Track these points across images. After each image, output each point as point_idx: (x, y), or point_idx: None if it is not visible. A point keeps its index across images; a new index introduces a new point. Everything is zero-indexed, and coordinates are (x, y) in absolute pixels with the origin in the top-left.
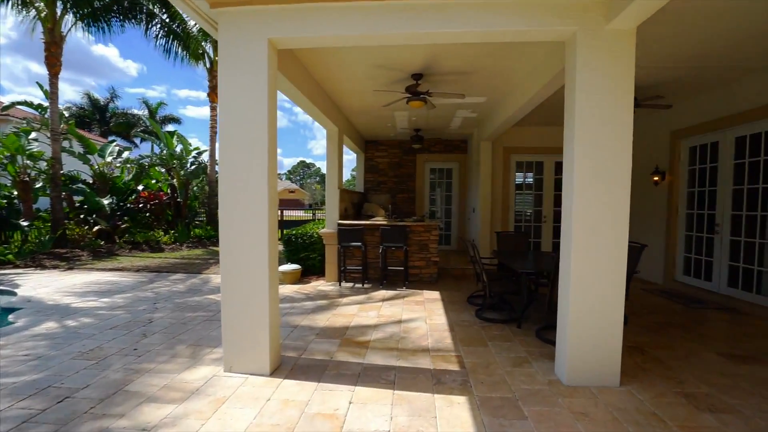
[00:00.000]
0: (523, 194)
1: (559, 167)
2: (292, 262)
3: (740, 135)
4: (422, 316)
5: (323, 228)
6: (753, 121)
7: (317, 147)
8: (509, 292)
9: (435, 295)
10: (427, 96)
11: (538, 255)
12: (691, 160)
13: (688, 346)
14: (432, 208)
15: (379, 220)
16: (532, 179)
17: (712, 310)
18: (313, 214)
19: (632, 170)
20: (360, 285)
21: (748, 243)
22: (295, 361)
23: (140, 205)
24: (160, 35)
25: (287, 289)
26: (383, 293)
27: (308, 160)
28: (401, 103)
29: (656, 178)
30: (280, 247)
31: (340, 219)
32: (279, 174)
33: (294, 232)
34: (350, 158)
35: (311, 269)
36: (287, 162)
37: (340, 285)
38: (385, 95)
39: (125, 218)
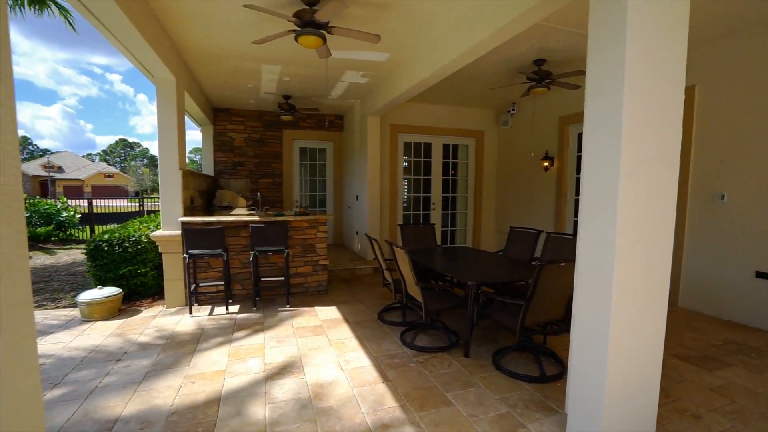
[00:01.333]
0: (410, 179)
1: (447, 149)
2: (107, 284)
3: None
4: (331, 354)
5: (158, 229)
6: None
7: (143, 125)
8: (445, 309)
9: (332, 312)
10: (326, 32)
11: (473, 256)
12: (579, 147)
13: None
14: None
15: (242, 213)
16: (421, 162)
17: None
18: (141, 204)
19: (522, 156)
20: (223, 309)
21: None
22: None
23: None
24: None
25: (97, 332)
26: (260, 319)
27: (132, 139)
28: (278, 49)
29: (546, 164)
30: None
31: (185, 215)
32: (90, 154)
33: (108, 236)
34: (193, 137)
35: (140, 291)
36: (101, 140)
37: (190, 312)
38: (257, 26)
39: None
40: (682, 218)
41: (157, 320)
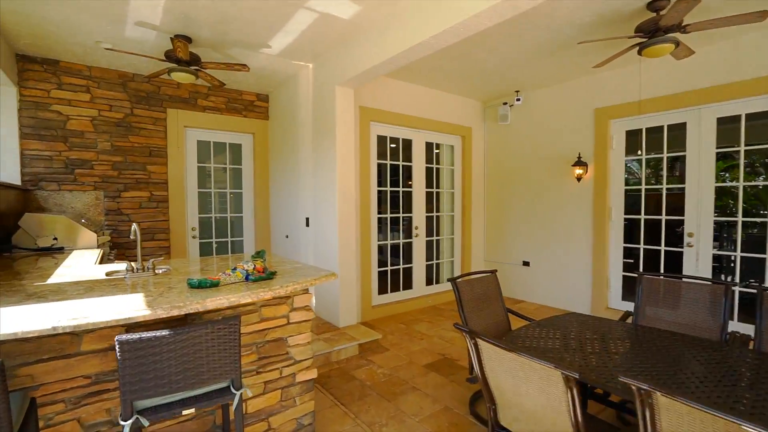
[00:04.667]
0: (386, 191)
1: (431, 150)
2: None
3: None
4: None
5: None
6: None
7: None
8: None
9: None
10: None
11: (625, 338)
12: (630, 147)
13: None
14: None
15: (94, 281)
16: (399, 166)
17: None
18: None
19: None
20: None
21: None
22: None
23: None
24: None
25: None
26: None
27: None
28: None
29: (578, 172)
30: None
31: None
32: None
33: None
34: None
35: None
36: None
37: None
38: None
39: None
40: None
41: None
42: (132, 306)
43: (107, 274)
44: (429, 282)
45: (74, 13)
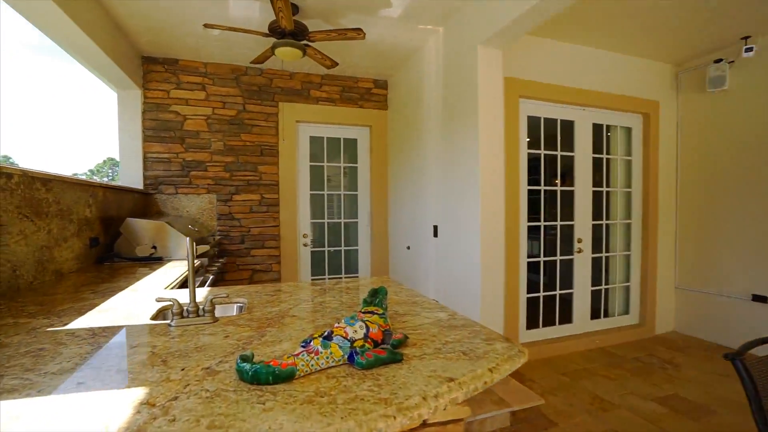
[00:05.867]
0: (539, 190)
1: (598, 133)
2: None
3: None
4: None
5: None
6: None
7: None
8: None
9: None
10: None
11: None
12: None
13: None
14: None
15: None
16: (557, 158)
17: None
18: None
19: None
20: None
21: None
22: None
23: None
24: None
25: None
26: None
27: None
28: None
29: None
30: None
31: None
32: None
33: None
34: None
35: None
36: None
37: None
38: None
39: None
40: None
41: None
42: None
43: (157, 314)
44: (595, 315)
45: (190, 15)
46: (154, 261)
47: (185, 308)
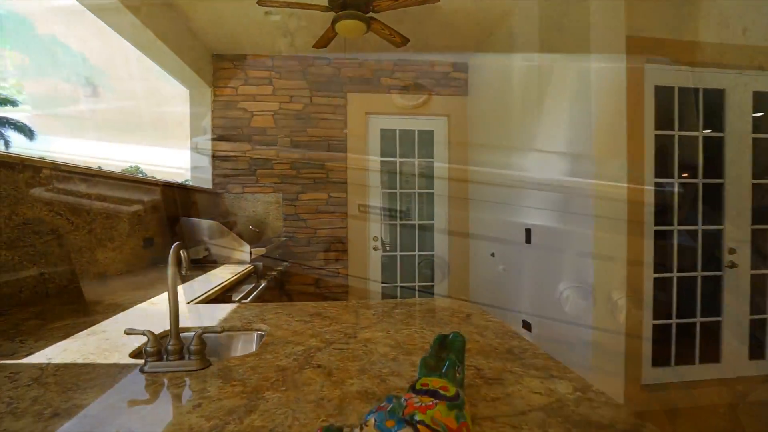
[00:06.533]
0: (669, 183)
1: (763, 101)
2: None
3: None
4: None
5: None
6: None
7: None
8: None
9: None
10: None
11: None
12: None
13: None
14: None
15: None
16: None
17: None
18: None
19: None
20: None
21: None
22: None
23: None
24: None
25: None
26: None
27: None
28: None
29: None
30: None
31: None
32: None
33: None
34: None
35: None
36: None
37: None
38: None
39: None
40: None
41: None
42: None
43: (142, 346)
44: (755, 353)
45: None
46: (209, 264)
47: (165, 346)
